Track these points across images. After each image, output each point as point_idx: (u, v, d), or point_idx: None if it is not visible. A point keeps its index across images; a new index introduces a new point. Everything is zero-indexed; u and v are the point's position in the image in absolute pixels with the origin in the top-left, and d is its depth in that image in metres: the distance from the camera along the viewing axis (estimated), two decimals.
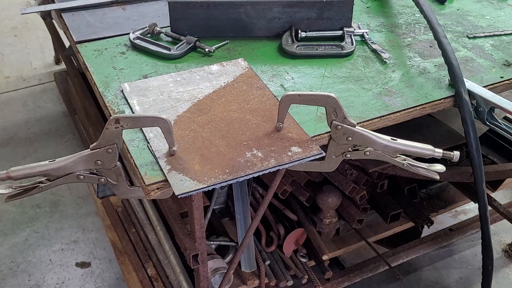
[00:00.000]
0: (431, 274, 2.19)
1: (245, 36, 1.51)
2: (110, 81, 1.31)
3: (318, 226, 1.77)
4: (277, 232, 1.70)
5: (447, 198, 2.02)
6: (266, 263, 1.64)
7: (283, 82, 1.33)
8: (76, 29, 1.53)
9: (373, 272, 1.83)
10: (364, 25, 1.61)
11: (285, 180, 1.67)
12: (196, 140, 1.10)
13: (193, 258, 1.26)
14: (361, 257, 1.95)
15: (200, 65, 1.38)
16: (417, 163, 1.12)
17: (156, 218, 1.67)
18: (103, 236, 2.27)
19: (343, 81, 1.35)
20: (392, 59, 1.45)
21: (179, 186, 0.98)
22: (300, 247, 1.71)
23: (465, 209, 2.42)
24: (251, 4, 1.46)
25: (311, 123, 1.17)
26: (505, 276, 2.17)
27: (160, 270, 1.65)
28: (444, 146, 1.70)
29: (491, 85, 1.36)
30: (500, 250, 2.28)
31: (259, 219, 1.38)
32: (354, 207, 1.76)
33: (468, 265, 2.23)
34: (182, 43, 1.43)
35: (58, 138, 2.83)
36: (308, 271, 1.67)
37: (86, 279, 2.13)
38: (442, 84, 1.35)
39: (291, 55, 1.43)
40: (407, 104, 1.27)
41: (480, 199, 1.39)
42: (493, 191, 1.97)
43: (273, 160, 1.05)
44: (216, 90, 1.27)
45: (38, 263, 2.20)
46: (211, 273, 1.47)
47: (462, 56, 1.47)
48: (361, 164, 1.67)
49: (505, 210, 1.90)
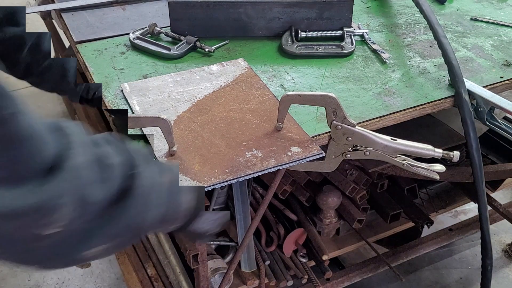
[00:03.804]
0: (431, 274, 2.19)
1: (245, 36, 1.51)
2: (110, 81, 1.31)
3: (318, 226, 1.77)
4: (277, 232, 1.70)
5: (447, 198, 2.02)
6: (266, 263, 1.64)
7: (283, 82, 1.33)
8: (76, 29, 1.53)
9: (373, 272, 1.83)
10: (364, 25, 1.61)
11: (285, 180, 1.67)
12: (196, 140, 1.10)
13: (193, 258, 1.26)
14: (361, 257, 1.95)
15: (200, 65, 1.38)
16: (417, 163, 1.12)
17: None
18: None
19: (343, 81, 1.35)
20: (392, 59, 1.45)
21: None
22: (300, 247, 1.71)
23: (465, 209, 2.42)
24: (251, 4, 1.46)
25: (311, 123, 1.17)
26: (505, 276, 2.17)
27: (160, 270, 1.65)
28: (444, 146, 1.71)
29: (491, 85, 1.36)
30: (500, 250, 2.28)
31: (259, 219, 1.38)
32: (354, 207, 1.76)
33: (468, 265, 2.23)
34: (182, 43, 1.43)
35: None
36: (308, 271, 1.67)
37: (86, 279, 2.14)
38: (442, 84, 1.35)
39: (291, 55, 1.43)
40: (407, 104, 1.27)
41: (480, 199, 1.39)
42: (493, 191, 1.97)
43: (273, 160, 1.05)
44: (216, 90, 1.27)
45: None
46: (211, 273, 1.47)
47: (462, 56, 1.47)
48: (361, 164, 1.67)
49: (505, 210, 1.90)
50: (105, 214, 0.57)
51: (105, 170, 0.56)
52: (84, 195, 0.53)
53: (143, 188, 0.61)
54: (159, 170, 0.67)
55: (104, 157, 0.58)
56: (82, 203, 0.53)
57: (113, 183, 0.57)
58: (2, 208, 0.48)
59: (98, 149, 0.58)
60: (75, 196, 0.52)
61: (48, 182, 0.50)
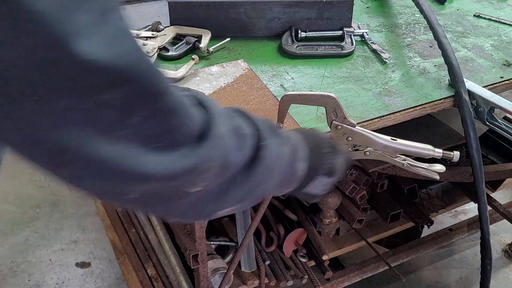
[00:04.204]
0: (431, 274, 2.19)
1: (245, 36, 1.51)
2: None
3: (318, 226, 1.77)
4: (277, 232, 1.70)
5: (447, 198, 2.02)
6: (266, 263, 1.64)
7: (283, 82, 1.33)
8: None
9: (373, 272, 1.83)
10: (364, 25, 1.61)
11: None
12: None
13: (193, 258, 1.26)
14: (361, 257, 1.95)
15: (200, 66, 1.38)
16: (417, 163, 1.11)
17: (156, 218, 1.67)
18: (103, 236, 2.27)
19: (343, 81, 1.35)
20: (392, 59, 1.45)
21: None
22: (300, 247, 1.71)
23: (465, 209, 2.42)
24: (251, 4, 1.46)
25: (311, 123, 1.17)
26: (505, 276, 2.17)
27: (160, 270, 1.65)
28: (444, 146, 1.70)
29: (491, 85, 1.36)
30: (500, 250, 2.28)
31: (259, 219, 1.38)
32: (354, 207, 1.76)
33: (468, 265, 2.23)
34: (181, 43, 1.43)
35: None
36: (308, 271, 1.67)
37: (86, 279, 2.14)
38: (442, 84, 1.35)
39: (291, 55, 1.43)
40: (407, 104, 1.27)
41: (480, 199, 1.39)
42: (493, 191, 1.97)
43: None
44: (216, 90, 1.27)
45: (38, 263, 2.20)
46: (211, 273, 1.47)
47: (462, 56, 1.47)
48: (361, 164, 1.67)
49: (505, 210, 1.90)
50: (237, 179, 0.66)
51: (240, 139, 0.65)
52: (225, 159, 0.61)
53: (270, 158, 0.69)
54: (282, 142, 0.75)
55: (238, 128, 0.66)
56: (223, 167, 0.61)
57: (246, 152, 0.65)
58: (166, 171, 0.55)
59: (233, 120, 0.66)
60: (219, 160, 0.60)
61: (199, 147, 0.57)
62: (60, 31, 0.42)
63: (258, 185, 0.69)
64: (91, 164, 0.50)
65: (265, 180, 0.70)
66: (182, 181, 0.58)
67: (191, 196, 0.61)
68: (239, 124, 0.66)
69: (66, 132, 0.47)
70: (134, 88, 0.48)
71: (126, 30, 0.48)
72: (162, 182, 0.56)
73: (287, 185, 0.83)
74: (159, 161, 0.54)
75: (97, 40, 0.44)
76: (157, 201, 0.61)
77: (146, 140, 0.52)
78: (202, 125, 0.58)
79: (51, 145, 0.47)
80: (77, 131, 0.47)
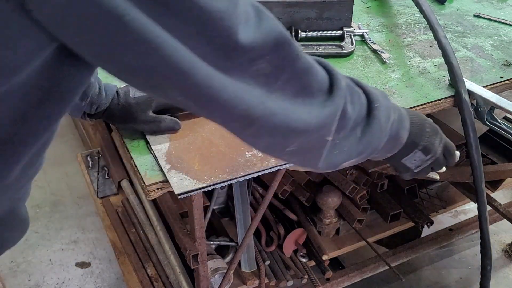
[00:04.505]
0: (431, 274, 2.19)
1: None
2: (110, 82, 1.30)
3: (318, 226, 1.77)
4: (277, 232, 1.70)
5: (447, 198, 2.02)
6: (266, 263, 1.64)
7: None
8: None
9: (373, 272, 1.83)
10: (364, 25, 1.61)
11: (285, 180, 1.67)
12: (196, 140, 1.10)
13: (193, 258, 1.26)
14: (361, 257, 1.95)
15: None
16: None
17: (156, 218, 1.67)
18: (103, 236, 2.27)
19: None
20: (392, 59, 1.45)
21: (179, 186, 0.98)
22: (300, 247, 1.71)
23: (465, 209, 2.42)
24: None
25: None
26: (505, 276, 2.17)
27: (160, 270, 1.65)
28: None
29: (491, 85, 1.36)
30: (500, 250, 2.28)
31: (259, 219, 1.38)
32: (354, 207, 1.76)
33: (468, 265, 2.23)
34: None
35: (58, 138, 2.83)
36: (308, 271, 1.67)
37: (86, 279, 2.14)
38: (442, 84, 1.35)
39: None
40: (407, 104, 1.27)
41: (479, 199, 1.39)
42: (493, 191, 1.97)
43: (273, 160, 1.05)
44: None
45: (38, 263, 2.20)
46: (211, 273, 1.47)
47: (462, 56, 1.47)
48: (361, 164, 1.67)
49: (505, 210, 1.90)
50: (357, 133, 0.77)
51: (353, 95, 0.75)
52: (344, 108, 0.72)
53: (382, 118, 0.79)
54: (391, 107, 0.84)
55: (351, 86, 0.76)
56: (342, 116, 0.72)
57: (358, 107, 0.76)
58: (318, 119, 0.68)
59: (346, 79, 0.75)
60: (343, 110, 0.72)
61: (332, 97, 0.69)
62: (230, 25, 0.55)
63: (373, 140, 0.79)
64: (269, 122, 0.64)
65: (380, 137, 0.81)
66: (325, 129, 0.70)
67: (327, 145, 0.73)
68: (351, 83, 0.77)
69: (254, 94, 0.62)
70: (280, 54, 0.62)
71: (264, 10, 0.60)
72: (314, 131, 0.69)
73: (390, 149, 0.90)
74: (310, 112, 0.67)
75: (250, 26, 0.57)
76: (308, 150, 0.73)
77: (294, 95, 0.66)
78: (329, 79, 0.70)
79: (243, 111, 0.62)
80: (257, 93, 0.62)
